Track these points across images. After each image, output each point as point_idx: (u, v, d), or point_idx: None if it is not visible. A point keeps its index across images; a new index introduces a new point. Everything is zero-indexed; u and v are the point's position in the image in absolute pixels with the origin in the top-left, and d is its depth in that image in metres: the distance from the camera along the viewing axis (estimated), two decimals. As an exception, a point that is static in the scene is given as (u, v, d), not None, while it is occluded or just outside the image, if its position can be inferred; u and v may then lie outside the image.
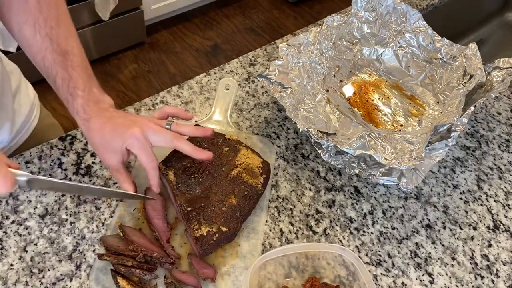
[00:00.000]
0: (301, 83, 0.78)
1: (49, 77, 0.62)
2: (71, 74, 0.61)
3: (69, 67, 0.61)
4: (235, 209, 0.63)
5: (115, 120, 0.61)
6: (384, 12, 0.89)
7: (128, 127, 0.60)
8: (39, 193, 0.68)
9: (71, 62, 0.61)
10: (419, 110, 0.86)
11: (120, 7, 2.00)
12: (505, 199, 0.77)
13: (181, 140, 0.62)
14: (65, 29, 0.63)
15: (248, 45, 2.42)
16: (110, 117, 0.61)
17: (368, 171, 0.72)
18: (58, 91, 0.62)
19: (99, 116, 0.61)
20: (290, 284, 0.63)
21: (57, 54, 0.61)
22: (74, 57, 0.62)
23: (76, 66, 0.62)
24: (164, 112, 0.66)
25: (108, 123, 0.60)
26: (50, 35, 0.61)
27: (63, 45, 0.62)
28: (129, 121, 0.61)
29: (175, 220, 0.67)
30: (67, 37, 0.63)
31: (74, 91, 0.61)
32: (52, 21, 0.62)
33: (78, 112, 0.61)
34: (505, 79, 0.78)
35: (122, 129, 0.60)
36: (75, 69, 0.61)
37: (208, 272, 0.61)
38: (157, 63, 2.27)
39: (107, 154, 0.62)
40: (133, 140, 0.59)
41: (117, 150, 0.60)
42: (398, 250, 0.69)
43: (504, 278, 0.68)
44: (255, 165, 0.68)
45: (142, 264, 0.59)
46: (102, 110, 0.62)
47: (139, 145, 0.59)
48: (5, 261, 0.61)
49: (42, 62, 0.62)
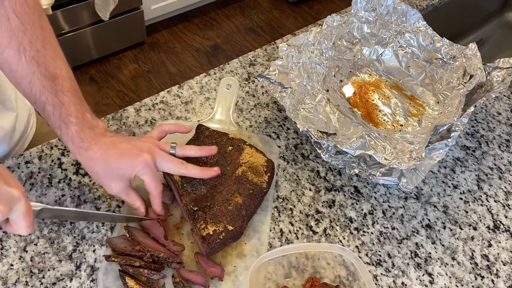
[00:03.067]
0: (301, 83, 0.78)
1: (37, 103, 0.58)
2: (63, 100, 0.57)
3: (60, 92, 0.57)
4: (241, 208, 0.63)
5: (119, 146, 0.58)
6: (384, 12, 0.89)
7: (136, 154, 0.57)
8: (39, 193, 0.68)
9: (61, 86, 0.58)
10: (419, 110, 0.86)
11: (120, 7, 2.00)
12: (505, 199, 0.77)
13: (189, 167, 0.61)
14: (52, 50, 0.59)
15: (248, 45, 2.42)
16: (112, 143, 0.58)
17: (368, 171, 0.72)
18: (49, 118, 0.58)
19: (98, 143, 0.58)
20: (290, 284, 0.63)
21: (46, 78, 0.57)
22: (64, 80, 0.58)
23: (66, 90, 0.58)
24: (162, 131, 0.65)
25: (111, 149, 0.57)
26: (37, 58, 0.57)
27: (51, 68, 0.58)
28: (134, 147, 0.58)
29: (181, 220, 0.67)
30: (55, 59, 0.59)
31: (67, 118, 0.57)
32: (38, 43, 0.57)
33: (74, 141, 0.57)
34: (505, 79, 0.78)
35: (131, 156, 0.57)
36: (66, 94, 0.57)
37: (215, 271, 0.61)
38: (157, 63, 2.27)
39: (113, 182, 0.59)
40: (144, 167, 0.57)
41: (125, 176, 0.58)
42: (398, 250, 0.69)
43: (504, 278, 0.68)
44: (260, 164, 0.68)
45: (149, 264, 0.59)
46: (100, 136, 0.58)
47: (151, 173, 0.58)
48: (5, 261, 0.61)
49: (29, 88, 0.57)
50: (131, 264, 0.59)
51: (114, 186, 0.59)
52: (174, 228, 0.66)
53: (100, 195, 0.69)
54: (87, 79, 2.16)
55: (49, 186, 0.69)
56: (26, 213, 0.47)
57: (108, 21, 2.01)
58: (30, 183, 0.69)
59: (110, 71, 2.20)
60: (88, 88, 2.10)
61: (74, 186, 0.70)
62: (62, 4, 1.85)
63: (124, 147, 0.58)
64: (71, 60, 2.03)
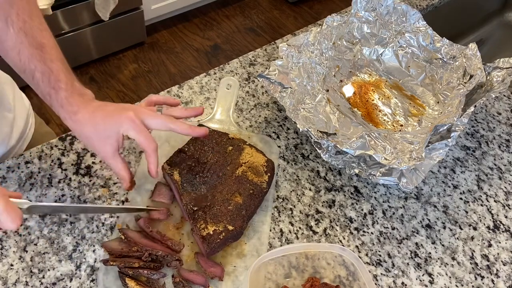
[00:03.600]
0: (301, 83, 0.78)
1: (26, 72, 0.60)
2: (51, 67, 0.59)
3: (48, 60, 0.59)
4: (241, 208, 0.63)
5: (106, 108, 0.60)
6: (384, 12, 0.89)
7: (121, 112, 0.59)
8: (39, 193, 0.68)
9: (49, 55, 0.60)
10: (419, 110, 0.86)
11: (120, 7, 2.00)
12: (505, 199, 0.77)
13: (176, 122, 0.61)
14: (38, 22, 0.61)
15: (248, 45, 2.42)
16: (99, 106, 0.60)
17: (368, 171, 0.72)
18: (38, 86, 0.60)
19: (87, 107, 0.60)
20: (290, 284, 0.63)
21: (34, 48, 0.59)
22: (52, 49, 0.60)
23: (54, 59, 0.60)
24: (151, 101, 0.66)
25: (98, 112, 0.59)
26: (24, 29, 0.59)
27: (38, 38, 0.60)
28: (121, 107, 0.60)
29: (181, 220, 0.67)
30: (41, 29, 0.61)
31: (56, 84, 0.59)
32: (24, 14, 0.59)
33: (63, 106, 0.59)
34: (505, 79, 0.78)
35: (116, 115, 0.59)
36: (55, 62, 0.60)
37: (215, 271, 0.61)
38: (157, 63, 2.27)
39: (101, 143, 0.60)
40: (129, 124, 0.58)
41: (112, 137, 0.59)
42: (398, 250, 0.69)
43: (504, 278, 0.68)
44: (260, 164, 0.68)
45: (149, 264, 0.59)
46: (88, 101, 0.61)
47: (136, 128, 0.59)
48: (5, 261, 0.61)
49: (17, 57, 0.59)
50: (130, 266, 0.59)
51: (103, 147, 0.60)
52: (174, 228, 0.66)
53: (100, 195, 0.69)
54: (87, 79, 2.16)
55: (49, 186, 0.69)
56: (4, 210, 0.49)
57: (108, 21, 2.01)
58: (30, 183, 0.69)
59: (110, 71, 2.20)
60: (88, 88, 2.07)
61: (74, 186, 0.70)
62: (62, 4, 1.85)
63: (110, 109, 0.60)
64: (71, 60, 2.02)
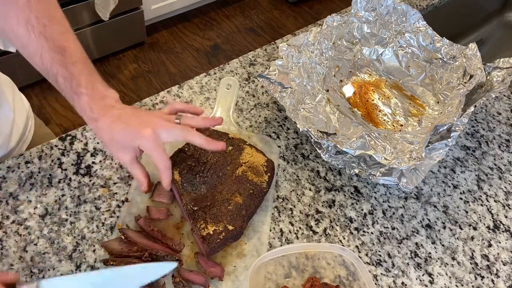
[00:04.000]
0: (301, 83, 0.78)
1: (50, 76, 0.61)
2: (72, 72, 0.59)
3: (69, 64, 0.59)
4: (241, 208, 0.63)
5: (124, 119, 0.60)
6: (384, 12, 0.89)
7: (138, 128, 0.58)
8: (39, 193, 0.68)
9: (70, 58, 0.59)
10: (419, 110, 0.86)
11: (120, 7, 2.00)
12: (505, 199, 0.77)
13: (193, 133, 0.61)
14: (59, 24, 0.61)
15: (248, 45, 2.42)
16: (119, 116, 0.60)
17: (368, 171, 0.72)
18: (61, 90, 0.60)
19: (106, 115, 0.59)
20: (290, 284, 0.63)
21: (55, 52, 0.59)
22: (73, 52, 0.60)
23: (75, 62, 0.60)
24: (174, 109, 0.66)
25: (117, 123, 0.59)
26: (45, 33, 0.59)
27: (59, 41, 0.59)
28: (139, 120, 0.60)
29: (181, 220, 0.67)
30: (62, 32, 0.60)
31: (77, 89, 0.59)
32: (44, 18, 0.59)
33: (85, 111, 0.60)
34: (505, 79, 0.78)
35: (133, 130, 0.59)
36: (76, 66, 0.59)
37: (215, 271, 0.61)
38: (157, 63, 2.27)
39: (119, 152, 0.61)
40: (144, 141, 0.58)
41: (129, 148, 0.60)
42: (398, 250, 0.69)
43: (504, 278, 0.68)
44: (260, 164, 0.68)
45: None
46: (109, 107, 0.60)
47: (151, 146, 0.59)
48: (5, 261, 0.61)
49: (40, 62, 0.59)
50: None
51: (121, 156, 0.62)
52: (174, 228, 0.66)
53: (100, 195, 0.69)
54: (87, 79, 2.15)
55: (49, 186, 0.69)
56: None
57: (108, 21, 2.01)
58: (30, 183, 0.69)
59: (110, 71, 2.20)
60: (88, 88, 2.10)
61: (74, 186, 0.70)
62: (62, 4, 1.85)
63: (129, 121, 0.60)
64: (71, 60, 2.03)
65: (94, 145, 0.75)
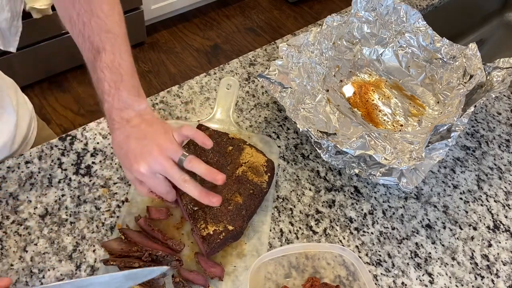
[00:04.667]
0: (301, 83, 0.78)
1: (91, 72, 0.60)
2: (99, 77, 0.58)
3: (98, 69, 0.58)
4: (241, 208, 0.63)
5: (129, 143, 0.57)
6: (384, 12, 0.89)
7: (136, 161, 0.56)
8: (39, 193, 0.68)
9: (100, 62, 0.58)
10: (419, 110, 0.86)
11: (120, 7, 2.00)
12: (505, 199, 0.77)
13: (190, 184, 0.57)
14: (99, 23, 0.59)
15: (248, 45, 2.42)
16: (127, 136, 0.57)
17: (368, 171, 0.72)
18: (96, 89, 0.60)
19: (120, 129, 0.57)
20: (290, 284, 0.63)
21: (90, 53, 0.58)
22: (105, 55, 0.58)
23: (104, 67, 0.57)
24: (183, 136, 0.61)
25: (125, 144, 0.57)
26: (83, 32, 0.58)
27: (95, 42, 0.58)
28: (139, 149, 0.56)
29: (181, 220, 0.67)
30: (99, 32, 0.58)
31: (102, 95, 0.58)
32: (84, 16, 0.58)
33: (106, 118, 0.59)
34: (505, 79, 0.78)
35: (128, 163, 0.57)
36: (103, 71, 0.57)
37: (215, 271, 0.61)
38: (157, 63, 2.27)
39: (125, 168, 0.60)
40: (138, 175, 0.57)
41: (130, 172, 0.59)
42: (398, 250, 0.69)
43: (504, 278, 0.68)
44: (260, 164, 0.68)
45: (148, 264, 0.59)
46: (124, 122, 0.58)
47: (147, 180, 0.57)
48: (5, 261, 0.61)
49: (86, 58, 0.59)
50: (131, 266, 0.59)
51: (127, 174, 0.61)
52: (174, 228, 0.66)
53: (100, 195, 0.69)
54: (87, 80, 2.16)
55: (49, 186, 0.69)
56: None
57: (108, 21, 2.01)
58: (30, 183, 0.69)
59: (110, 71, 2.20)
60: (89, 88, 2.10)
61: (74, 186, 0.70)
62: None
63: (132, 148, 0.57)
64: (72, 60, 2.03)
65: (94, 145, 0.75)
